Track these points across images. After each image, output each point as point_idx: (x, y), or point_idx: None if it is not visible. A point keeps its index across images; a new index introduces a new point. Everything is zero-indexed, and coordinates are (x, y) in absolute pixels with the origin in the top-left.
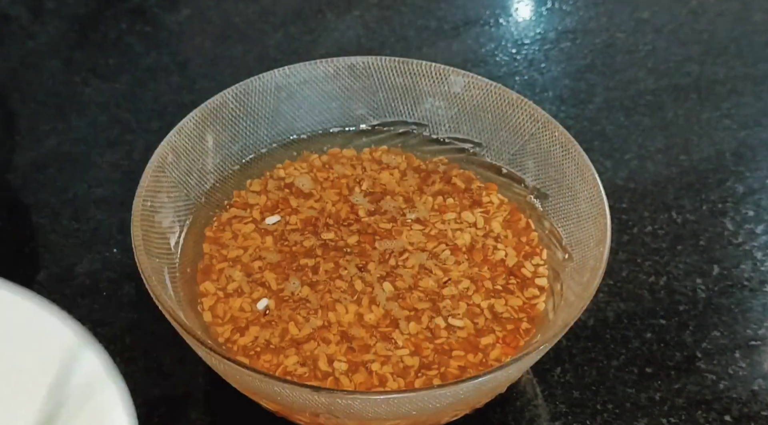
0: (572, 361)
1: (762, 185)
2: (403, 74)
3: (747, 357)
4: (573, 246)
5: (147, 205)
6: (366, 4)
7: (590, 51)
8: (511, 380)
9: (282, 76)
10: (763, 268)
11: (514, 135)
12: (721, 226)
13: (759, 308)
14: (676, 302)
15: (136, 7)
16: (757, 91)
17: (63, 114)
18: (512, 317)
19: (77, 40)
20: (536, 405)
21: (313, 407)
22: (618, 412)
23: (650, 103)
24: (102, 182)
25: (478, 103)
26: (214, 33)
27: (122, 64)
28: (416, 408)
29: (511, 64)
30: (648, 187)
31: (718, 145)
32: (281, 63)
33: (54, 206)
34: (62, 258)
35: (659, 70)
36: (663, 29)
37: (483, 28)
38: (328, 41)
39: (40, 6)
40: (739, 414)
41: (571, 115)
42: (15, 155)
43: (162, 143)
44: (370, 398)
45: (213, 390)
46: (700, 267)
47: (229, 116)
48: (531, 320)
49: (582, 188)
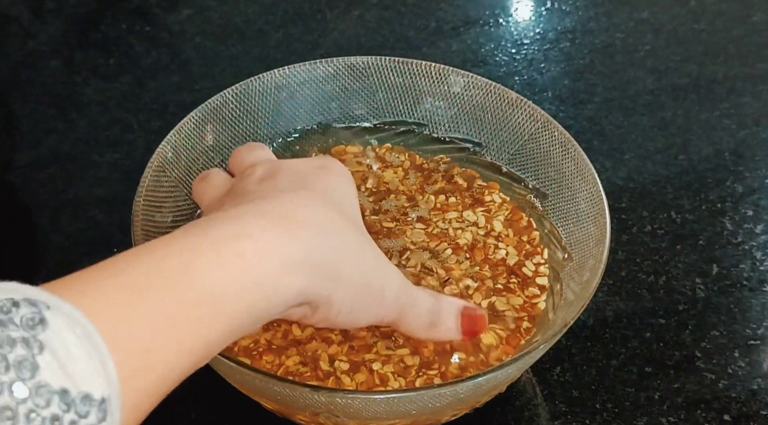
0: (572, 361)
1: (761, 185)
2: (403, 74)
3: (746, 357)
4: (573, 246)
5: (147, 205)
6: (366, 4)
7: (590, 51)
8: (511, 379)
9: (282, 76)
10: (762, 267)
11: (513, 135)
12: (720, 226)
13: (758, 307)
14: (675, 301)
15: (137, 7)
16: (756, 91)
17: (63, 114)
18: (513, 316)
19: (77, 40)
20: (536, 405)
21: (314, 407)
22: (617, 411)
23: (649, 103)
24: (102, 182)
25: (478, 103)
26: (214, 33)
27: (122, 64)
28: (416, 408)
29: (510, 64)
30: (647, 187)
31: (717, 144)
32: (281, 63)
33: (54, 206)
34: (62, 258)
35: (658, 70)
36: (662, 29)
37: (483, 28)
38: (328, 41)
39: (41, 6)
40: (738, 414)
41: (571, 115)
42: (15, 155)
43: (162, 143)
44: (369, 397)
45: (213, 390)
46: (699, 267)
47: (229, 116)
48: (531, 319)
49: (582, 187)
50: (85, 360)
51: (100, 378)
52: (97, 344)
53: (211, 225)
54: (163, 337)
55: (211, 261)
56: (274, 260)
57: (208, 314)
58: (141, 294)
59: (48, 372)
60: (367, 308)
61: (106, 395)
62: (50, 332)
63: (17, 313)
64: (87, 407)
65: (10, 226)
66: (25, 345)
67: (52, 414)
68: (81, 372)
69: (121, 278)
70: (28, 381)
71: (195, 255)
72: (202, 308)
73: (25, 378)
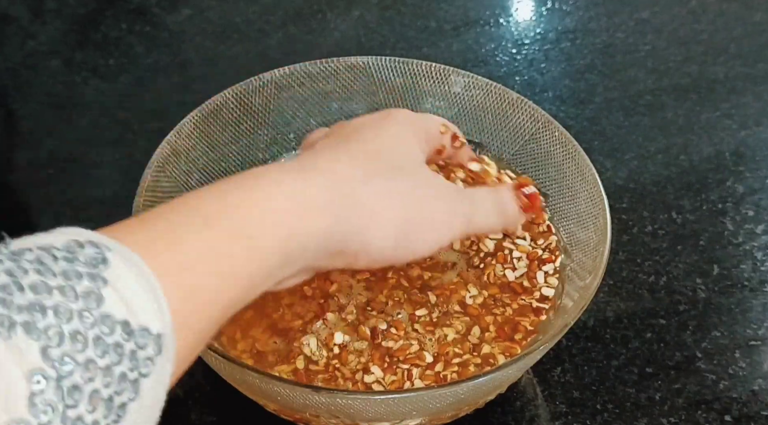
0: (572, 361)
1: (762, 185)
2: (403, 74)
3: (747, 357)
4: (573, 246)
5: (147, 205)
6: (366, 4)
7: (590, 51)
8: (511, 380)
9: (282, 76)
10: (763, 268)
11: (514, 135)
12: (721, 226)
13: (759, 308)
14: (676, 302)
15: (137, 7)
16: (757, 91)
17: (63, 114)
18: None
19: (77, 40)
20: (536, 405)
21: (314, 407)
22: (618, 412)
23: (650, 103)
24: (102, 182)
25: (479, 103)
26: (214, 33)
27: (122, 64)
28: (417, 408)
29: (511, 64)
30: (648, 187)
31: (718, 145)
32: (281, 63)
33: (54, 206)
34: None
35: (659, 70)
36: (663, 29)
37: (483, 28)
38: (328, 41)
39: (41, 6)
40: (739, 414)
41: (571, 115)
42: (15, 155)
43: (162, 143)
44: (369, 398)
45: (213, 390)
46: (700, 267)
47: (229, 115)
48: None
49: (582, 188)
50: (144, 298)
51: (156, 315)
52: (153, 285)
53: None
54: (205, 273)
55: (244, 203)
56: (297, 204)
57: (245, 249)
58: (183, 235)
59: (112, 304)
60: (421, 236)
61: (162, 331)
62: (111, 270)
63: (82, 253)
64: (145, 339)
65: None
66: (90, 279)
67: (115, 341)
68: (140, 308)
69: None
70: (95, 311)
71: (229, 200)
72: (239, 244)
73: (92, 308)
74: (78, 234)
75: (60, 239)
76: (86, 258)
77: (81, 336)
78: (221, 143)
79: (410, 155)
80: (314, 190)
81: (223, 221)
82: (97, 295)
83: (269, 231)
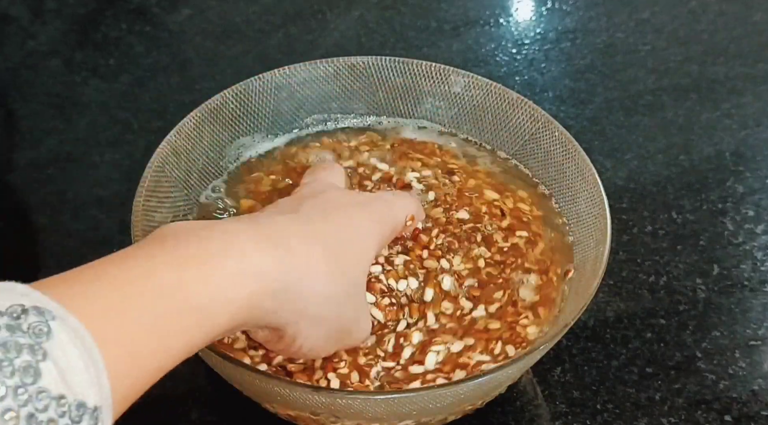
0: (572, 361)
1: (762, 185)
2: (403, 74)
3: (747, 357)
4: (573, 246)
5: (147, 205)
6: (366, 4)
7: (590, 51)
8: (511, 380)
9: (282, 76)
10: (763, 268)
11: (514, 135)
12: (721, 226)
13: (759, 308)
14: (676, 302)
15: (137, 7)
16: (757, 91)
17: (63, 114)
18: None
19: (77, 40)
20: (536, 405)
21: (314, 407)
22: (618, 412)
23: (650, 103)
24: (102, 182)
25: (479, 103)
26: (214, 33)
27: (122, 64)
28: (417, 408)
29: (511, 64)
30: (648, 187)
31: (718, 145)
32: (281, 63)
33: (54, 206)
34: (62, 258)
35: (659, 70)
36: (663, 29)
37: (483, 28)
38: (328, 41)
39: (41, 6)
40: (739, 414)
41: (571, 115)
42: (15, 155)
43: (162, 143)
44: (369, 398)
45: (213, 390)
46: (700, 267)
47: (229, 115)
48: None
49: (582, 188)
50: (83, 371)
51: (95, 389)
52: (95, 358)
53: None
54: (151, 342)
55: (201, 276)
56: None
57: (194, 323)
58: (133, 302)
59: (49, 380)
60: (328, 348)
61: (99, 404)
62: (53, 342)
63: (25, 320)
64: (81, 413)
65: (10, 226)
66: (30, 353)
67: (48, 418)
68: (78, 381)
69: (115, 284)
70: (30, 387)
71: (186, 269)
72: (189, 318)
73: (27, 383)
74: (25, 295)
75: (4, 303)
76: (29, 326)
77: (12, 414)
78: (221, 143)
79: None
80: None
81: (176, 295)
82: (35, 369)
83: (221, 307)
